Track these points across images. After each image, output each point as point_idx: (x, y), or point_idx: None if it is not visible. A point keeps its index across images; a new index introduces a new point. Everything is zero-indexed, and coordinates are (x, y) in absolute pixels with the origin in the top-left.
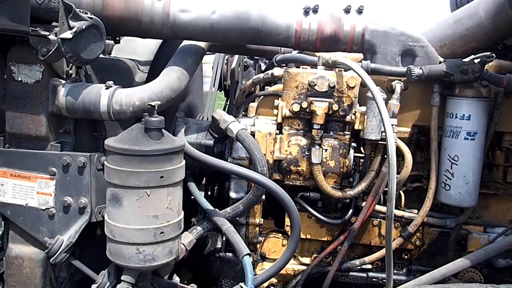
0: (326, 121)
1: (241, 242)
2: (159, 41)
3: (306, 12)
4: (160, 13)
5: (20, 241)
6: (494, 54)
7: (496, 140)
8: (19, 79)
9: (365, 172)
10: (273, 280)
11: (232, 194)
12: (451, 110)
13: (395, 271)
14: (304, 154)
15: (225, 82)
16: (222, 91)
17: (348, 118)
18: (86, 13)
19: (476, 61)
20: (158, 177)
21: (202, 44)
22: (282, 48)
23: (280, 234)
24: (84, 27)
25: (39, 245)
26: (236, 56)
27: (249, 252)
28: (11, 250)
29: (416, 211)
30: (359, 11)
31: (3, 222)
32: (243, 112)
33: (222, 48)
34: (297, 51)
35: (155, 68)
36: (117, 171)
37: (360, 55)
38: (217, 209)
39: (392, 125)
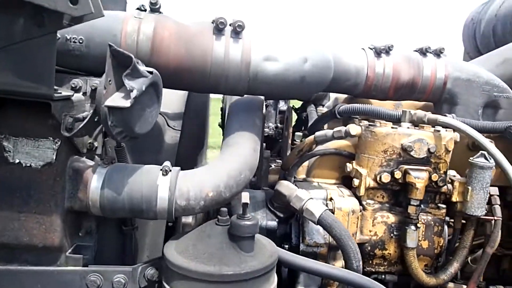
0: None
1: None
2: None
3: (377, 53)
4: (237, 64)
5: None
6: None
7: None
8: (16, 160)
9: (453, 250)
10: None
11: None
12: None
13: None
14: (392, 235)
15: None
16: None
17: (444, 188)
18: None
19: None
20: None
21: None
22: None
23: None
24: (144, 88)
25: None
26: None
27: None
28: None
29: (501, 287)
30: (438, 54)
31: None
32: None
33: None
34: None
35: (188, 123)
36: None
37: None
38: None
39: (495, 195)
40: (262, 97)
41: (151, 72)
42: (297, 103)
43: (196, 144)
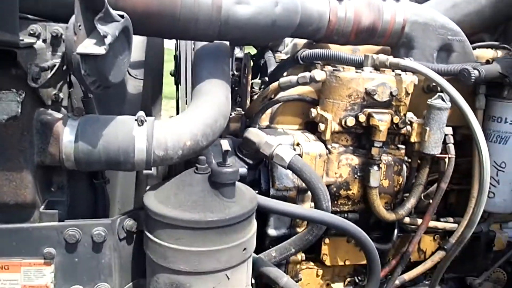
0: None
1: None
2: None
3: None
4: (208, 7)
5: None
6: None
7: None
8: None
9: (410, 187)
10: None
11: (272, 231)
12: (499, 114)
13: (426, 281)
14: (356, 176)
15: None
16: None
17: (403, 129)
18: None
19: None
20: (241, 250)
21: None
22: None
23: (312, 263)
24: (117, 34)
25: None
26: None
27: None
28: None
29: (451, 219)
30: None
31: None
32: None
33: None
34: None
35: (150, 71)
36: (184, 253)
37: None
38: (262, 256)
39: (450, 135)
40: (228, 43)
41: (122, 16)
42: (252, 50)
43: (154, 93)
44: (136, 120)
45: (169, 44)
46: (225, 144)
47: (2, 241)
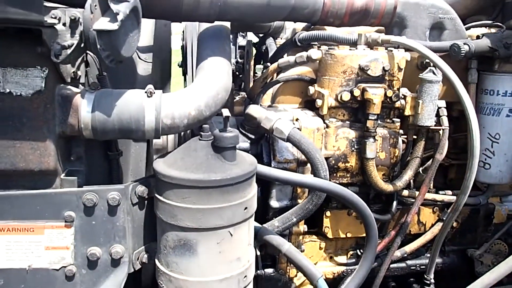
0: None
1: (309, 263)
2: (153, 20)
3: None
4: None
5: None
6: None
7: None
8: (7, 90)
9: (406, 159)
10: None
11: (274, 203)
12: (491, 87)
13: (427, 254)
14: (353, 148)
15: None
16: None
17: (398, 103)
18: None
19: None
20: (242, 209)
21: (228, 23)
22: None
23: (315, 236)
24: (128, 12)
25: None
26: None
27: (322, 273)
28: None
29: (450, 192)
30: None
31: None
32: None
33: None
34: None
35: (159, 54)
36: (191, 211)
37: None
38: (265, 226)
39: (443, 107)
40: (229, 26)
41: None
42: (255, 39)
43: (163, 76)
44: (145, 92)
45: (174, 45)
46: (225, 111)
47: (27, 205)
